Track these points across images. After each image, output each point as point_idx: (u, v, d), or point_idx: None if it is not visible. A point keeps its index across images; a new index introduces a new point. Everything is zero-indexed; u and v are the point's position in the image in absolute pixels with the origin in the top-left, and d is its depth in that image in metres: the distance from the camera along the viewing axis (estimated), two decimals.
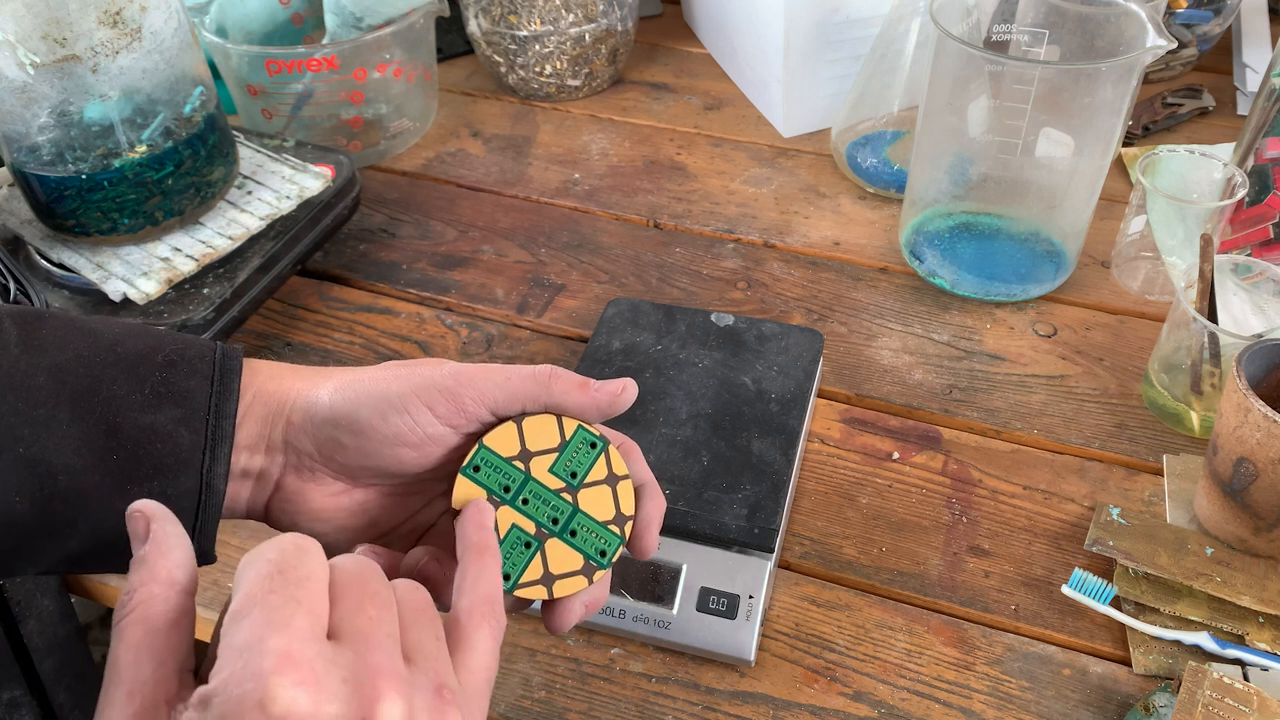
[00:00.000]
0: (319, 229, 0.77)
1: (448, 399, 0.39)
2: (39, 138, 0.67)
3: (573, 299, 0.80)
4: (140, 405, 0.37)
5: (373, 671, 0.29)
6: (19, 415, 0.36)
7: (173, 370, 0.38)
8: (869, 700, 0.54)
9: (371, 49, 0.88)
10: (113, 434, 0.37)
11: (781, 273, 0.82)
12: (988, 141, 0.73)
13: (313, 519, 0.41)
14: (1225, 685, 0.50)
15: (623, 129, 0.99)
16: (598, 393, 0.40)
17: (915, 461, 0.66)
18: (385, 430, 0.39)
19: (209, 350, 0.40)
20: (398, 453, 0.39)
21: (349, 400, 0.39)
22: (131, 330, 0.40)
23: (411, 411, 0.39)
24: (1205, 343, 0.65)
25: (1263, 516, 0.56)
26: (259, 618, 0.28)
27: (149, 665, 0.29)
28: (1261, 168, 0.75)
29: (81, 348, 0.38)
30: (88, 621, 1.09)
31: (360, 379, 0.40)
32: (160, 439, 0.37)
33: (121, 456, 0.37)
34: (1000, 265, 0.78)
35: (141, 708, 0.29)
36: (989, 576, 0.60)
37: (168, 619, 0.30)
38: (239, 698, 0.27)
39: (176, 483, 0.37)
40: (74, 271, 0.71)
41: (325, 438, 0.39)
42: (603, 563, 0.40)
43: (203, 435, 0.38)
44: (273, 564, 0.30)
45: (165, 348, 0.39)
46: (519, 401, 0.40)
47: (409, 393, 0.39)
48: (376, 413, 0.39)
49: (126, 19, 0.65)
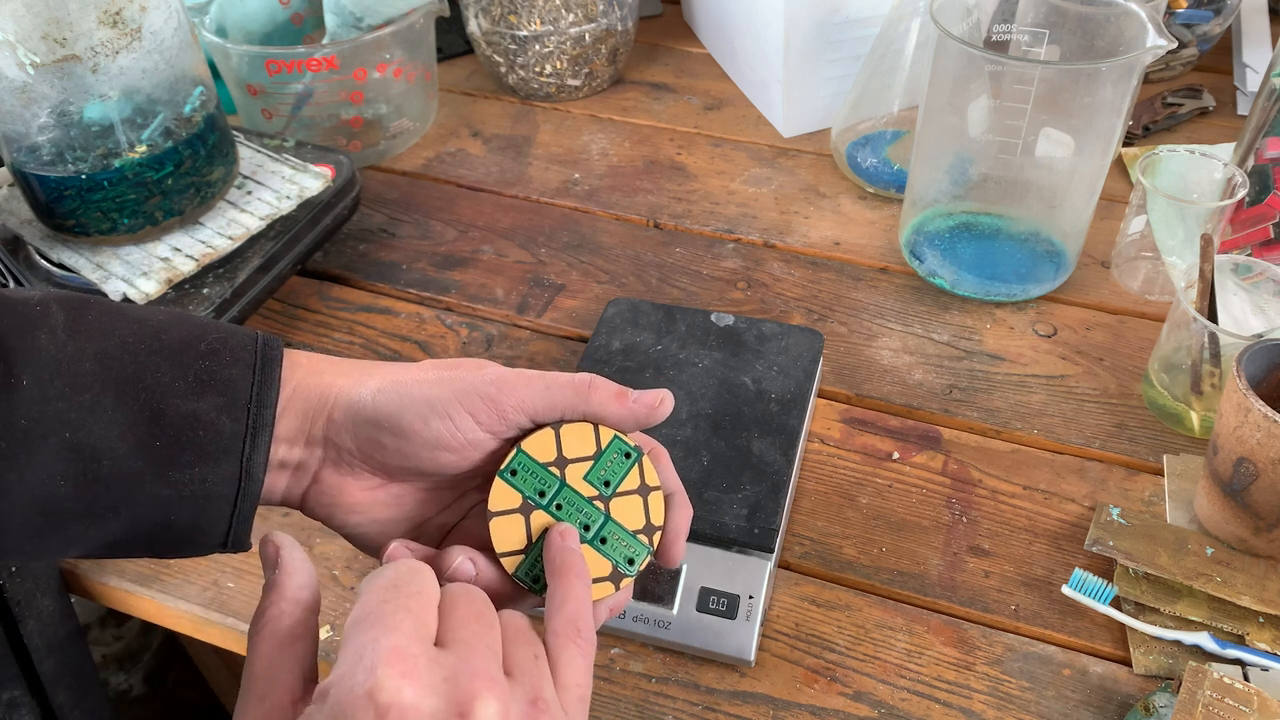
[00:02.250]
0: (319, 229, 0.77)
1: (489, 406, 0.40)
2: (39, 138, 0.67)
3: (573, 299, 0.80)
4: (183, 392, 0.38)
5: (472, 674, 0.31)
6: (65, 400, 0.36)
7: (215, 359, 0.39)
8: (869, 700, 0.54)
9: (371, 49, 0.88)
10: (156, 420, 0.37)
11: (781, 273, 0.82)
12: (988, 141, 0.73)
13: (348, 511, 0.42)
14: (1225, 685, 0.50)
15: (623, 129, 0.99)
16: (635, 404, 0.41)
17: (915, 461, 0.66)
18: (427, 434, 0.39)
19: (251, 339, 0.40)
20: (437, 455, 0.40)
21: (393, 402, 0.40)
22: (174, 317, 0.40)
23: (454, 417, 0.39)
24: (1205, 343, 0.65)
25: (1263, 516, 0.56)
26: (374, 622, 0.32)
27: (278, 671, 0.33)
28: (1262, 168, 0.75)
29: (126, 334, 0.38)
30: (88, 621, 1.09)
31: (403, 380, 0.40)
32: (203, 426, 0.38)
33: (164, 442, 0.37)
34: (1000, 265, 0.78)
35: (271, 708, 0.33)
36: (989, 576, 0.60)
37: (293, 632, 0.34)
38: (350, 688, 0.30)
39: (217, 470, 0.38)
40: (74, 271, 0.71)
41: (366, 437, 0.40)
42: (630, 571, 0.41)
43: (244, 424, 0.38)
44: (389, 580, 0.33)
45: (208, 336, 0.40)
46: (558, 410, 0.41)
47: (452, 398, 0.39)
48: (419, 417, 0.39)
49: (126, 19, 0.65)
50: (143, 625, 1.11)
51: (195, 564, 0.62)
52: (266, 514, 0.64)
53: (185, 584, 0.61)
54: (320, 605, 0.36)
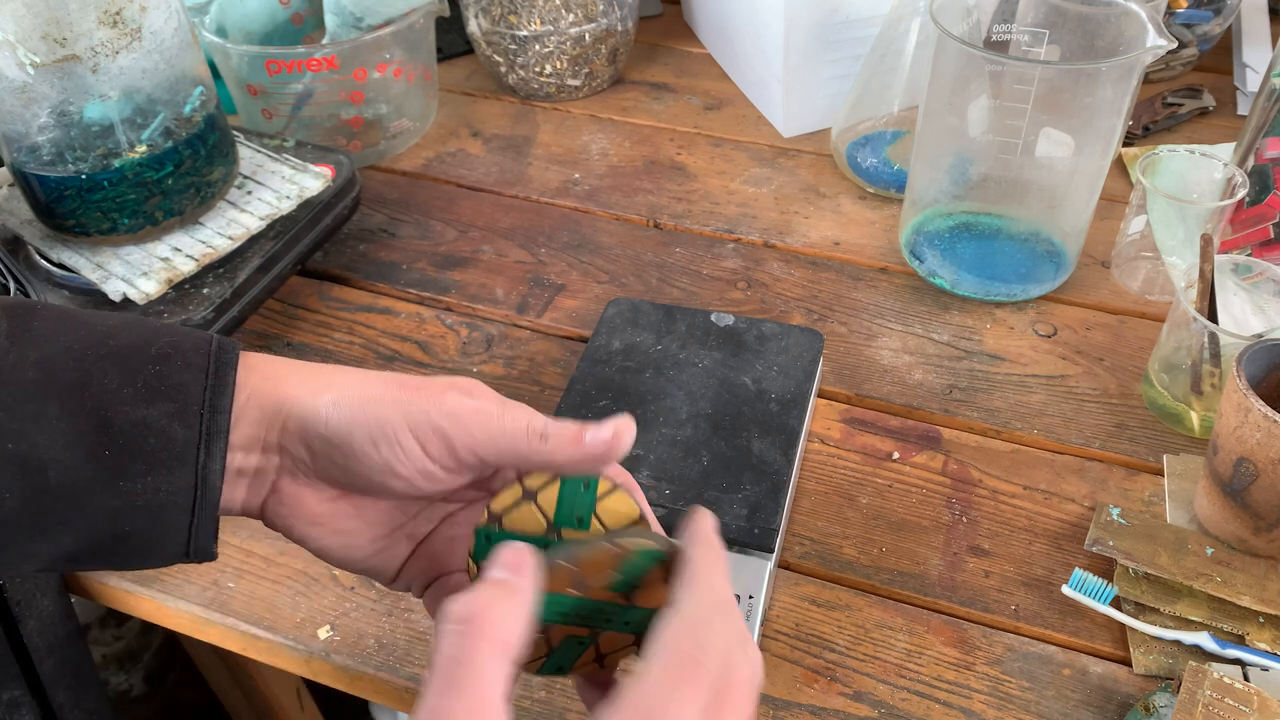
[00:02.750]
0: (319, 229, 0.77)
1: (440, 440, 0.38)
2: (39, 138, 0.67)
3: (573, 299, 0.80)
4: (132, 399, 0.37)
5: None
6: (7, 410, 0.35)
7: (166, 363, 0.38)
8: (869, 700, 0.54)
9: (371, 49, 0.88)
10: (104, 428, 0.36)
11: (781, 273, 0.82)
12: (988, 141, 0.73)
13: (308, 523, 0.41)
14: (1225, 685, 0.50)
15: (623, 129, 0.99)
16: (590, 445, 0.38)
17: (915, 461, 0.66)
18: (376, 459, 0.38)
19: (204, 343, 0.39)
20: (387, 480, 0.39)
21: (345, 420, 0.38)
22: (125, 322, 0.39)
23: (403, 444, 0.38)
24: (1205, 343, 0.65)
25: (1263, 516, 0.56)
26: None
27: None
28: (1262, 168, 0.75)
29: (72, 340, 0.37)
30: (88, 621, 1.09)
31: (359, 397, 0.39)
32: (153, 433, 0.37)
33: (114, 451, 0.36)
34: (1000, 265, 0.78)
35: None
36: (989, 576, 0.60)
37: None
38: None
39: (171, 479, 0.37)
40: (74, 271, 0.71)
41: (319, 451, 0.39)
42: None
43: (197, 430, 0.37)
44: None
45: (159, 340, 0.38)
46: (508, 458, 0.39)
47: (403, 424, 0.38)
48: (369, 439, 0.38)
49: (126, 19, 0.65)
50: (143, 625, 1.11)
51: (195, 564, 0.62)
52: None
53: (185, 584, 0.61)
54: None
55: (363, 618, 0.59)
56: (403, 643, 0.58)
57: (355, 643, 0.58)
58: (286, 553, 0.62)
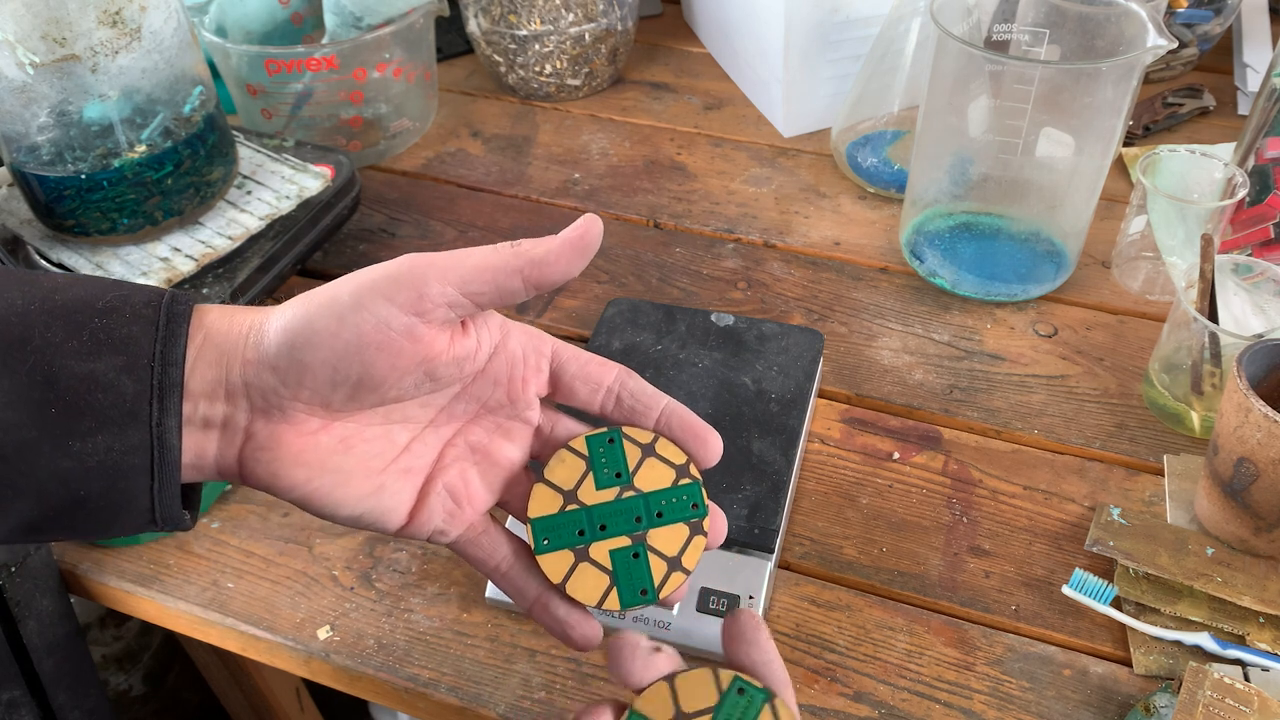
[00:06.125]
0: (319, 229, 0.77)
1: (406, 285, 0.36)
2: (38, 138, 0.67)
3: (573, 299, 0.80)
4: (77, 353, 0.35)
5: None
6: None
7: (113, 316, 0.36)
8: (869, 701, 0.54)
9: (371, 49, 0.88)
10: (49, 385, 0.34)
11: (781, 273, 0.82)
12: (988, 141, 0.73)
13: (292, 464, 0.37)
14: (1226, 686, 0.50)
15: (623, 129, 0.99)
16: (566, 240, 0.38)
17: (915, 461, 0.66)
18: (344, 334, 0.36)
19: (156, 296, 0.37)
20: (364, 358, 0.36)
21: (300, 315, 0.36)
22: (73, 280, 0.37)
23: (368, 305, 0.36)
24: (1206, 343, 0.65)
25: (1263, 516, 0.56)
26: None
27: None
28: (1262, 168, 0.75)
29: (15, 297, 0.35)
30: (87, 621, 1.09)
31: (310, 294, 0.37)
32: (101, 388, 0.35)
33: (60, 409, 0.34)
34: (1000, 265, 0.78)
35: None
36: (989, 577, 0.60)
37: None
38: None
39: (124, 437, 0.35)
40: (73, 271, 0.71)
41: (285, 365, 0.36)
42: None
43: (148, 384, 0.35)
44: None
45: (107, 295, 0.36)
46: (486, 275, 0.37)
47: (360, 289, 0.36)
48: (332, 316, 0.36)
49: (126, 19, 0.65)
50: (143, 625, 1.11)
51: (195, 564, 0.62)
52: (266, 514, 0.64)
53: (185, 584, 0.61)
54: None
55: (362, 618, 0.59)
56: (402, 643, 0.58)
57: (355, 643, 0.58)
58: (286, 553, 0.62)
